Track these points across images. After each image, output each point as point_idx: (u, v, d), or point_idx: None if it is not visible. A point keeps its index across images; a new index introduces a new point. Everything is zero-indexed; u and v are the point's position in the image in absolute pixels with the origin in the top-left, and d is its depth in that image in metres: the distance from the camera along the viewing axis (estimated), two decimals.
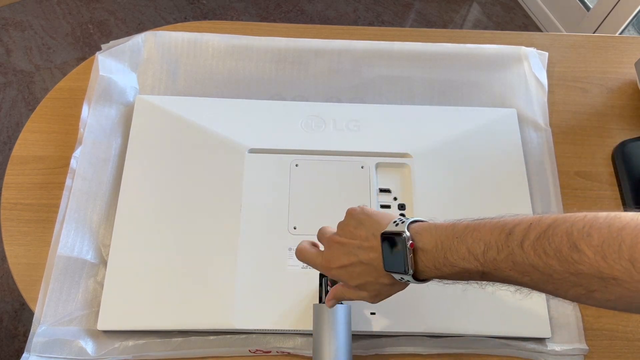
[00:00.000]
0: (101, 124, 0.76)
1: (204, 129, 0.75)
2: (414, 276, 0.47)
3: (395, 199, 0.72)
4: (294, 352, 0.64)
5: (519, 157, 0.76)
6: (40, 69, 1.73)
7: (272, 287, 0.65)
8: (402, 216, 0.50)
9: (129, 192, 0.71)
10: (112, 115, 0.77)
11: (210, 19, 1.88)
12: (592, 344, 0.66)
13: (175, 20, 1.87)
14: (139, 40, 0.83)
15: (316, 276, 0.61)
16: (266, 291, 0.65)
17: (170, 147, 0.74)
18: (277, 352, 0.64)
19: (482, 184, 0.73)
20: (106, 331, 0.64)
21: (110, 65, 0.80)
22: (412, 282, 0.48)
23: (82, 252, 0.68)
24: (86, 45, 1.79)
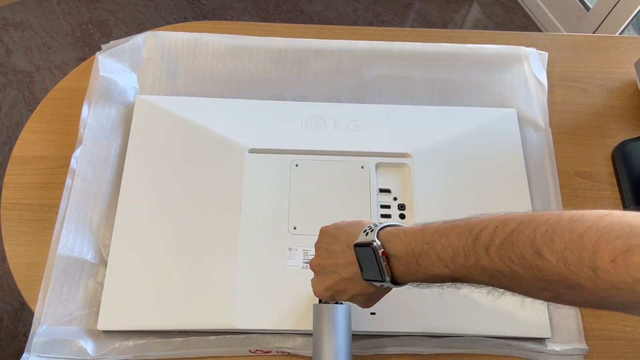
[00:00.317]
0: (101, 124, 0.76)
1: (204, 129, 0.75)
2: (393, 281, 0.47)
3: (395, 199, 0.72)
4: (294, 352, 0.64)
5: (518, 157, 0.76)
6: (40, 69, 1.73)
7: (272, 287, 0.65)
8: (373, 224, 0.50)
9: (129, 192, 0.71)
10: (112, 115, 0.77)
11: (210, 19, 1.88)
12: (592, 344, 0.66)
13: (175, 20, 1.87)
14: (139, 40, 0.83)
15: None
16: (266, 291, 0.65)
17: (170, 147, 0.74)
18: (277, 352, 0.64)
19: (482, 184, 0.73)
20: (106, 331, 0.64)
21: (110, 65, 0.80)
22: (393, 287, 0.48)
23: (82, 252, 0.68)
24: (86, 45, 1.79)
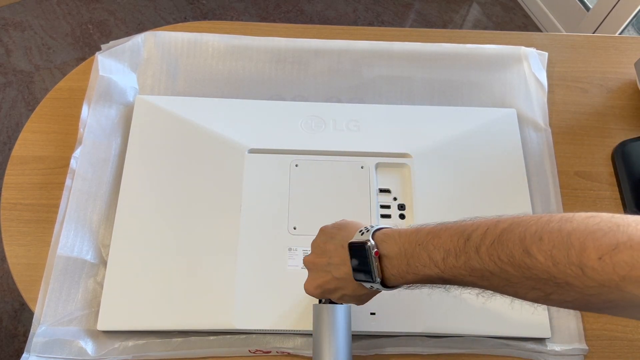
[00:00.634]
0: (101, 124, 0.76)
1: (204, 129, 0.75)
2: (383, 283, 0.47)
3: (395, 199, 0.72)
4: (294, 352, 0.64)
5: (518, 157, 0.76)
6: (40, 69, 1.73)
7: (272, 287, 0.65)
8: (370, 226, 0.50)
9: (129, 192, 0.71)
10: (112, 115, 0.77)
11: (210, 19, 1.88)
12: (592, 344, 0.66)
13: (175, 20, 1.87)
14: (139, 40, 0.83)
15: None
16: (266, 291, 0.65)
17: (170, 147, 0.74)
18: (277, 352, 0.64)
19: (482, 184, 0.73)
20: (106, 331, 0.64)
21: (110, 65, 0.80)
22: (382, 289, 0.48)
23: (82, 252, 0.68)
24: (86, 45, 1.79)
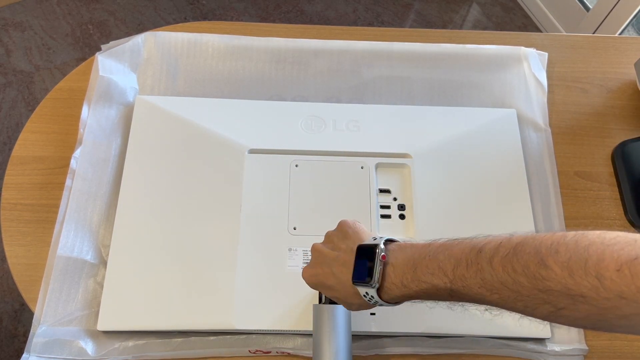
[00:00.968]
0: (101, 124, 0.76)
1: (204, 129, 0.75)
2: (380, 294, 0.47)
3: (395, 200, 0.72)
4: (293, 353, 0.64)
5: (518, 157, 0.76)
6: (40, 69, 1.73)
7: (272, 287, 0.65)
8: (387, 236, 0.50)
9: (129, 192, 0.71)
10: (112, 115, 0.77)
11: (210, 19, 1.88)
12: (592, 344, 0.66)
13: (175, 20, 1.87)
14: (139, 40, 0.83)
15: None
16: (266, 291, 0.65)
17: (170, 148, 0.74)
18: (277, 352, 0.64)
19: (482, 185, 0.73)
20: (106, 331, 0.64)
21: (110, 65, 0.80)
22: (377, 299, 0.48)
23: (82, 252, 0.68)
24: (86, 45, 1.79)
